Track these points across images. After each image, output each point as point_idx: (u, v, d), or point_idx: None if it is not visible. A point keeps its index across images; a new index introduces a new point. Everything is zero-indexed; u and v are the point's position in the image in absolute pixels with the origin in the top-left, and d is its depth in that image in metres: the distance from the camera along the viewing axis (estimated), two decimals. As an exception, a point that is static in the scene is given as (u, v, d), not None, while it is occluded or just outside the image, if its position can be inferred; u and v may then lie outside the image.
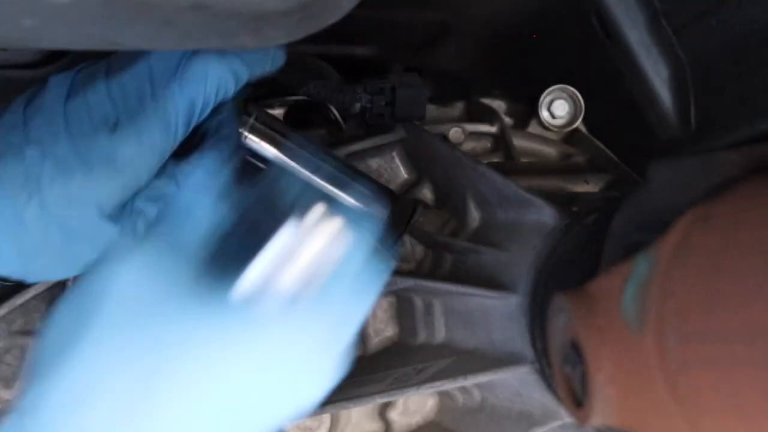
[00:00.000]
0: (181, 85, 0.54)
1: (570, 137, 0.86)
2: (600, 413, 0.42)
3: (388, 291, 0.68)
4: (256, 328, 0.43)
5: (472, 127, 0.80)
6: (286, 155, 0.67)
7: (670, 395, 0.36)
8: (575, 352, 0.44)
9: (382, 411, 0.72)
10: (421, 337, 0.69)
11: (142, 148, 0.53)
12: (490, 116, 0.81)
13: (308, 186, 0.60)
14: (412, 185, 0.74)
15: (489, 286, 0.62)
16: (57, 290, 0.67)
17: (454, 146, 0.70)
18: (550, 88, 0.83)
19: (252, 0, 0.40)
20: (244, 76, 0.57)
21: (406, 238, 0.70)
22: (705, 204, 0.38)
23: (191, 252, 0.45)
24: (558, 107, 0.84)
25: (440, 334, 0.68)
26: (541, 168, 0.79)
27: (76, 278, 0.66)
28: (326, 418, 0.71)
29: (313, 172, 0.68)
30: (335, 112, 0.69)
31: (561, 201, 0.62)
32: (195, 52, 0.55)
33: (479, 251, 0.65)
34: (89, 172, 0.53)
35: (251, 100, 0.64)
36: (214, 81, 0.55)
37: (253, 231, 0.45)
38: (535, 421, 0.62)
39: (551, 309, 0.47)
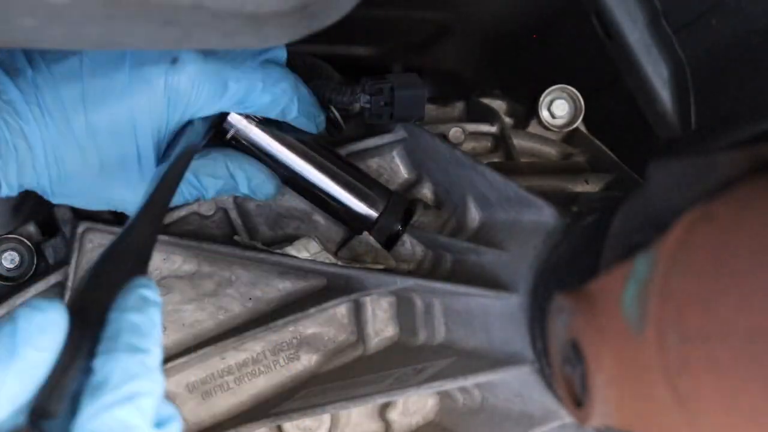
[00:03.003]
0: None
1: (570, 137, 0.86)
2: (600, 413, 0.42)
3: (388, 291, 0.68)
4: None
5: (472, 127, 0.80)
6: (291, 151, 0.67)
7: (671, 395, 0.36)
8: (575, 352, 0.44)
9: (382, 411, 0.72)
10: (421, 337, 0.69)
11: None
12: (490, 116, 0.81)
13: None
14: (412, 185, 0.74)
15: (489, 286, 0.62)
16: (56, 290, 0.67)
17: (454, 146, 0.70)
18: (550, 88, 0.83)
19: (252, 0, 0.40)
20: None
21: (406, 238, 0.70)
22: (705, 204, 0.38)
23: None
24: (558, 107, 0.84)
25: (440, 334, 0.68)
26: (541, 168, 0.79)
27: (75, 278, 0.66)
28: (326, 418, 0.71)
29: (318, 169, 0.68)
30: (335, 112, 0.69)
31: (561, 201, 0.62)
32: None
33: (479, 251, 0.65)
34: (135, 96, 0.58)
35: None
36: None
37: None
38: (536, 421, 0.62)
39: (551, 309, 0.47)
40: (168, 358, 0.67)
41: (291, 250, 0.68)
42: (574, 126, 0.84)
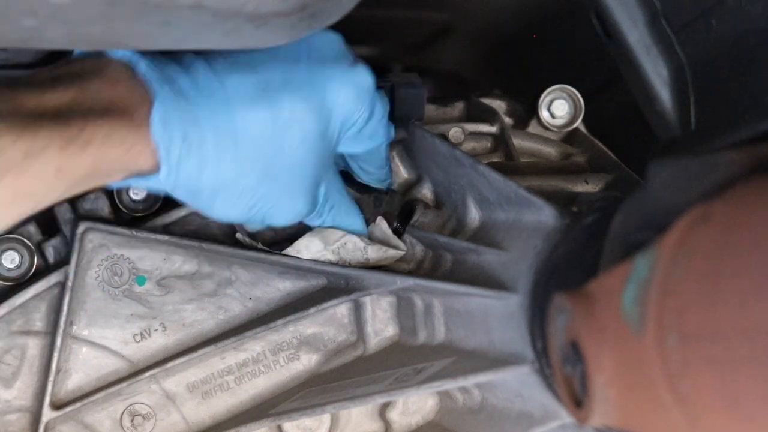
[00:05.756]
0: None
1: (570, 137, 0.86)
2: (600, 413, 0.42)
3: (388, 291, 0.68)
4: None
5: (472, 127, 0.80)
6: None
7: (671, 395, 0.36)
8: (575, 352, 0.44)
9: (382, 411, 0.72)
10: (421, 337, 0.69)
11: None
12: (490, 116, 0.81)
13: None
14: (412, 185, 0.74)
15: (489, 286, 0.62)
16: (56, 290, 0.67)
17: (454, 146, 0.70)
18: (550, 88, 0.83)
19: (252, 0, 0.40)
20: None
21: (406, 238, 0.70)
22: (705, 204, 0.38)
23: None
24: (558, 107, 0.84)
25: (440, 334, 0.68)
26: (541, 168, 0.79)
27: (75, 278, 0.66)
28: (326, 418, 0.71)
29: None
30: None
31: (561, 201, 0.62)
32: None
33: (479, 251, 0.65)
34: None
35: None
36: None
37: None
38: (535, 421, 0.62)
39: (551, 309, 0.47)
40: (168, 358, 0.67)
41: (291, 250, 0.68)
42: (574, 126, 0.84)
